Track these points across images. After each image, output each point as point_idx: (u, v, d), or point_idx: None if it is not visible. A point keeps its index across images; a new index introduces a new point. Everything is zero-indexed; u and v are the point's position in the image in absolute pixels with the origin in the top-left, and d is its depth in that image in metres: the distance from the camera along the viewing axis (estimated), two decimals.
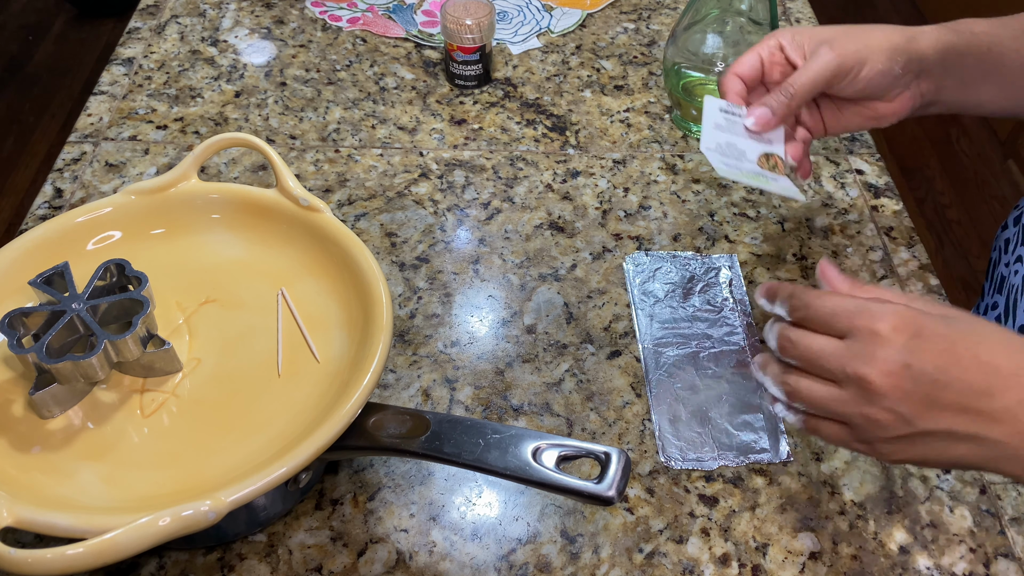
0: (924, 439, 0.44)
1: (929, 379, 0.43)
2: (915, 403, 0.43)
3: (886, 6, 2.59)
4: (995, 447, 0.44)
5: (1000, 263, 0.75)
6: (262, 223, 0.60)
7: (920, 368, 0.43)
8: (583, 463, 0.57)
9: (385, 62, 0.89)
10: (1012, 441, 0.43)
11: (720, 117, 0.61)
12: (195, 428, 0.51)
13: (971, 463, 0.45)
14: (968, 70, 0.60)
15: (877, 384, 0.43)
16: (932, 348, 0.43)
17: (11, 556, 0.40)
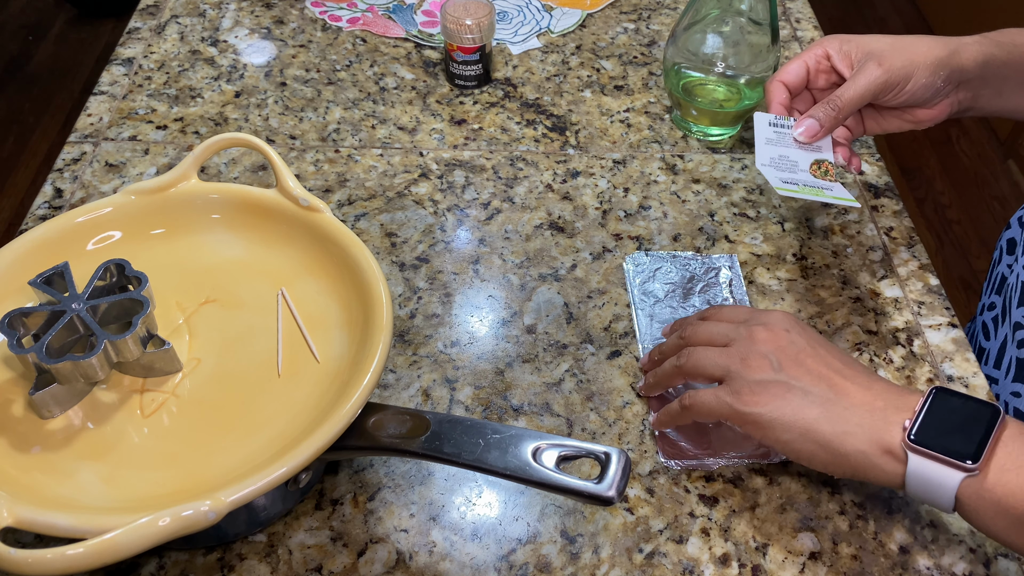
0: (785, 389, 0.51)
1: (801, 345, 0.53)
2: (786, 356, 0.52)
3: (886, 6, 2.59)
4: (845, 413, 0.50)
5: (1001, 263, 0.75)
6: (262, 223, 0.60)
7: (796, 335, 0.54)
8: (583, 463, 0.57)
9: (385, 62, 0.89)
10: (861, 408, 0.50)
11: (770, 131, 0.65)
12: (195, 428, 0.51)
13: (818, 428, 0.50)
14: (1007, 81, 0.64)
15: (761, 336, 0.53)
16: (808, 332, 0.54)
17: (11, 556, 0.40)
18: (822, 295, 0.69)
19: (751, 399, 0.51)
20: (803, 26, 0.97)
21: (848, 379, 0.51)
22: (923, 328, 0.67)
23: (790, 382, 0.51)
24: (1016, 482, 0.45)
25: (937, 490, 0.47)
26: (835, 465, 0.50)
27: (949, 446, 0.46)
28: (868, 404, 0.50)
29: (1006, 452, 0.46)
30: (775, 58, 0.76)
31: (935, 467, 0.46)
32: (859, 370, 0.53)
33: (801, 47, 0.93)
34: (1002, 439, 0.47)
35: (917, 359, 0.65)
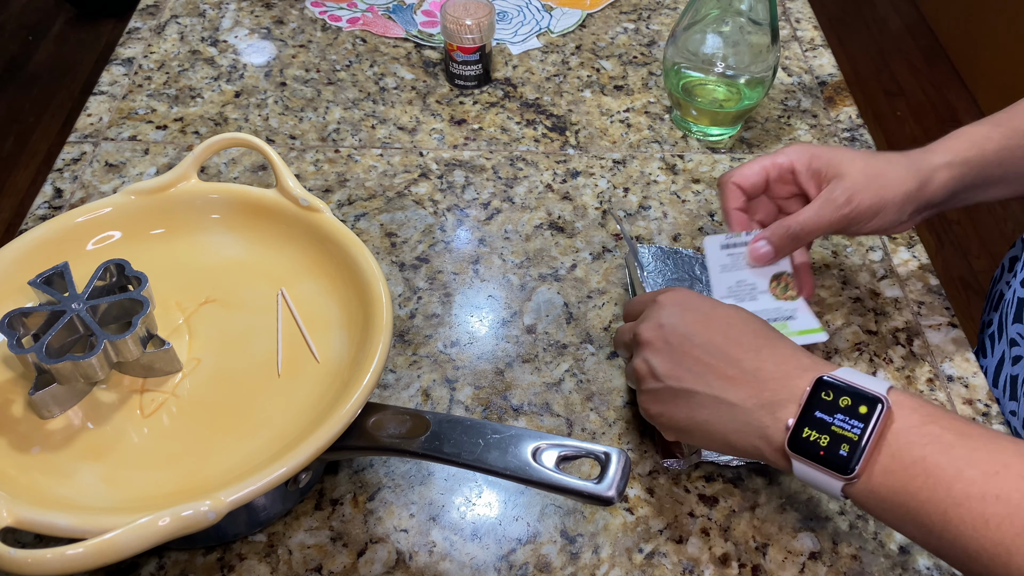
0: (672, 395, 0.50)
1: (679, 335, 0.50)
2: (663, 358, 0.50)
3: (886, 6, 2.59)
4: (733, 411, 0.48)
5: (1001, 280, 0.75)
6: (262, 223, 0.60)
7: (673, 326, 0.51)
8: (583, 463, 0.57)
9: (385, 62, 0.89)
10: (746, 404, 0.47)
11: (723, 256, 0.62)
12: (195, 428, 0.51)
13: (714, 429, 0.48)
14: (976, 190, 0.62)
15: (641, 337, 0.51)
16: (690, 315, 0.51)
17: (11, 556, 0.40)
18: (822, 295, 0.69)
19: (648, 409, 0.52)
20: (803, 26, 0.97)
21: (733, 364, 0.48)
22: (923, 328, 0.67)
23: (672, 385, 0.50)
24: (900, 484, 0.43)
25: (824, 489, 0.46)
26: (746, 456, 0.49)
27: (827, 454, 0.44)
28: (755, 397, 0.47)
29: (890, 453, 0.44)
30: (775, 58, 0.76)
31: (816, 472, 0.45)
32: (748, 344, 0.49)
33: (801, 47, 0.93)
34: (887, 437, 0.44)
35: (917, 359, 0.65)
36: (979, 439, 0.42)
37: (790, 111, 0.85)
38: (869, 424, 0.44)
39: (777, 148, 0.81)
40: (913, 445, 0.43)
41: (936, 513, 0.42)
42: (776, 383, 0.47)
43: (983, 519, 0.40)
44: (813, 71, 0.90)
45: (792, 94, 0.87)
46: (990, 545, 0.40)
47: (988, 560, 0.40)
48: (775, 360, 0.48)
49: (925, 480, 0.42)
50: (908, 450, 0.43)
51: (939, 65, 2.39)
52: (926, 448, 0.43)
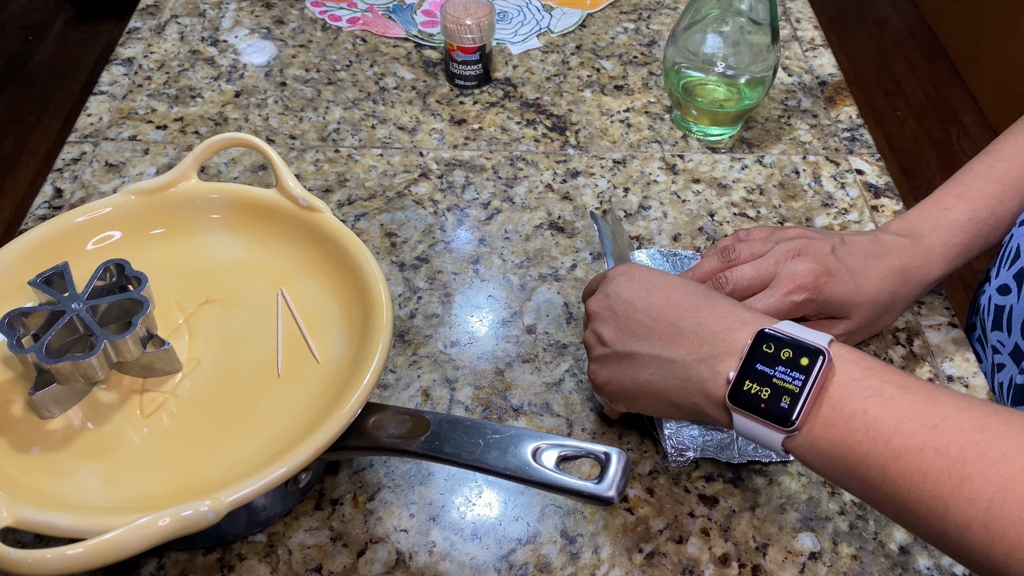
0: (617, 359, 0.51)
1: (623, 302, 0.52)
2: (608, 324, 0.52)
3: (886, 6, 2.59)
4: (673, 368, 0.48)
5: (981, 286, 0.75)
6: (262, 223, 0.60)
7: (617, 294, 0.52)
8: (583, 463, 0.57)
9: (385, 62, 0.89)
10: (688, 359, 0.48)
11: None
12: (195, 428, 0.51)
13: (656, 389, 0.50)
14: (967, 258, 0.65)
15: (589, 310, 0.54)
16: (635, 284, 0.53)
17: (11, 556, 0.40)
18: None
19: (595, 377, 0.53)
20: (803, 26, 0.97)
21: (674, 323, 0.49)
22: (923, 328, 0.67)
23: (617, 349, 0.51)
24: (841, 437, 0.43)
25: (764, 442, 0.46)
26: (688, 417, 0.50)
27: (768, 407, 0.44)
28: (694, 352, 0.48)
29: (831, 406, 0.43)
30: (775, 58, 0.76)
31: (757, 425, 0.45)
32: (688, 305, 0.50)
33: (801, 47, 0.93)
34: (828, 390, 0.44)
35: (917, 359, 0.65)
36: (919, 392, 0.42)
37: (790, 111, 0.85)
38: (810, 376, 0.44)
39: (778, 149, 0.81)
40: (854, 397, 0.43)
41: (875, 466, 0.42)
42: (715, 337, 0.48)
43: (921, 472, 0.40)
44: (813, 71, 0.90)
45: (792, 94, 0.87)
46: (927, 498, 0.40)
47: (925, 513, 0.40)
48: (715, 315, 0.49)
49: (865, 433, 0.42)
50: (849, 402, 0.43)
51: (939, 65, 2.39)
52: (867, 401, 0.43)
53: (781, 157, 0.81)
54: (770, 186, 0.78)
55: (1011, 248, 0.66)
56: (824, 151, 0.82)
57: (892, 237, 0.62)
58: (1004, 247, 0.68)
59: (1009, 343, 0.65)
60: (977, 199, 0.63)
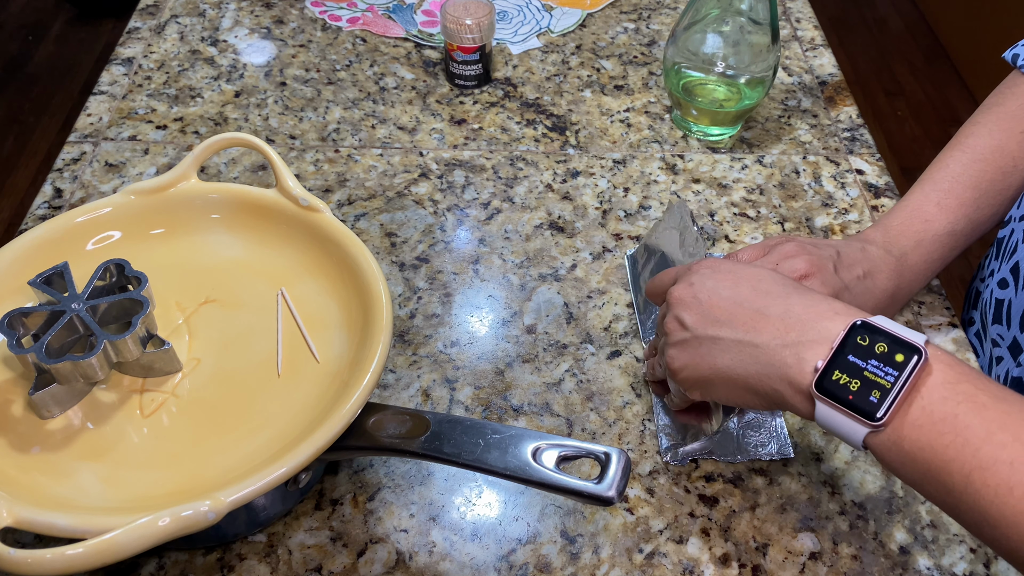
0: (697, 344, 0.50)
1: (707, 290, 0.51)
2: (691, 309, 0.51)
3: (886, 6, 2.59)
4: (756, 353, 0.47)
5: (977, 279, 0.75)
6: (262, 223, 0.60)
7: (701, 284, 0.52)
8: (583, 463, 0.57)
9: (385, 62, 0.89)
10: (772, 344, 0.47)
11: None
12: (195, 428, 0.51)
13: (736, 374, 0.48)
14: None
15: (672, 297, 0.53)
16: (720, 274, 0.52)
17: (11, 556, 0.40)
18: None
19: (672, 362, 0.52)
20: (803, 26, 0.97)
21: (760, 310, 0.48)
22: (923, 328, 0.67)
23: (699, 335, 0.50)
24: (927, 439, 0.41)
25: (846, 437, 0.45)
26: (764, 405, 0.49)
27: (856, 399, 0.43)
28: (780, 337, 0.46)
29: (921, 406, 0.42)
30: (775, 58, 0.76)
31: (841, 417, 0.44)
32: (777, 293, 0.49)
33: (801, 47, 0.93)
34: (920, 389, 0.42)
35: None
36: (1014, 404, 0.41)
37: (790, 111, 0.85)
38: (904, 372, 0.43)
39: (778, 149, 0.81)
40: (946, 401, 0.42)
41: (959, 474, 0.40)
42: (804, 324, 0.46)
43: (1008, 486, 0.39)
44: (813, 71, 0.90)
45: (792, 94, 0.87)
46: (1011, 513, 0.39)
47: (1007, 528, 0.39)
48: (804, 303, 0.47)
49: (953, 438, 0.41)
50: (940, 405, 0.42)
51: (939, 65, 2.39)
52: (959, 406, 0.41)
53: (781, 157, 0.81)
54: (770, 186, 0.78)
55: (1011, 243, 0.67)
56: (824, 151, 0.82)
57: (880, 253, 0.62)
58: (1004, 241, 0.68)
59: (1008, 336, 0.65)
60: (956, 208, 0.63)
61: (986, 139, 0.65)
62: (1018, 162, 0.64)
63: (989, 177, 0.64)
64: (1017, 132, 0.64)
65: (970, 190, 0.63)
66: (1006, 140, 0.64)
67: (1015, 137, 0.64)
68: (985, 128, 0.65)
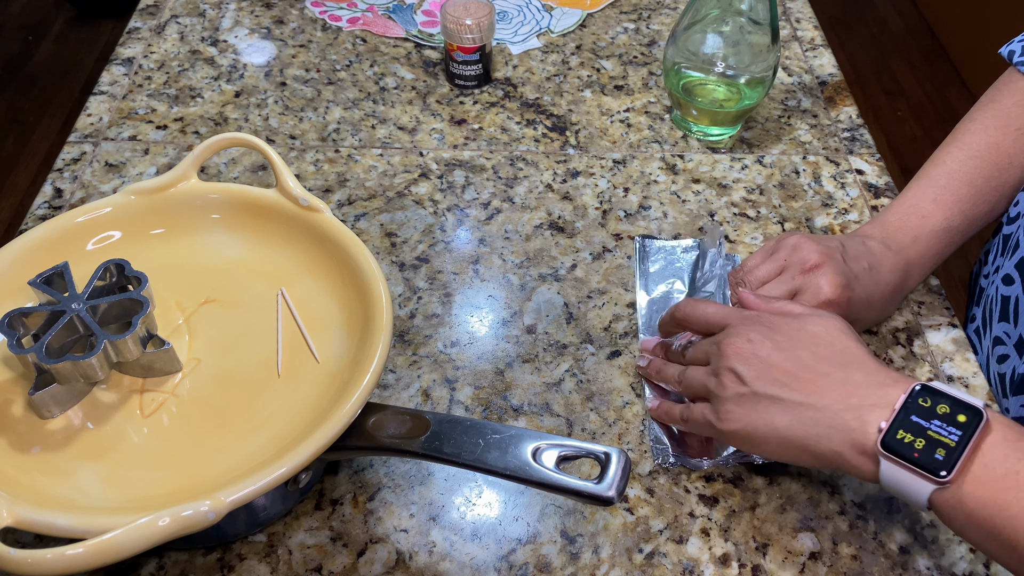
0: (755, 401, 0.50)
1: (768, 349, 0.51)
2: (751, 366, 0.51)
3: (886, 6, 2.59)
4: (817, 415, 0.48)
5: (980, 275, 0.75)
6: (262, 223, 0.60)
7: (761, 342, 0.52)
8: (583, 463, 0.57)
9: (385, 62, 0.89)
10: (835, 407, 0.48)
11: None
12: (195, 428, 0.51)
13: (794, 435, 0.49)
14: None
15: (728, 349, 0.52)
16: (777, 335, 0.52)
17: (11, 556, 0.40)
18: None
19: (726, 418, 0.51)
20: (803, 26, 0.97)
21: (821, 375, 0.49)
22: (923, 328, 0.67)
23: (758, 392, 0.50)
24: (990, 496, 0.43)
25: (910, 495, 0.46)
26: (821, 464, 0.50)
27: (922, 457, 0.45)
28: (842, 401, 0.48)
29: (983, 464, 0.44)
30: (775, 58, 0.76)
31: (906, 475, 0.45)
32: (836, 360, 0.50)
33: (801, 47, 0.93)
34: (982, 448, 0.44)
35: (917, 359, 0.65)
36: None
37: (790, 111, 0.85)
38: (968, 431, 0.45)
39: (778, 149, 0.81)
40: (1007, 458, 0.44)
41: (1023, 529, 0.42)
42: (865, 390, 0.48)
43: None
44: (813, 71, 0.90)
45: (792, 94, 0.87)
46: None
47: None
48: (864, 371, 0.49)
49: (1016, 494, 0.42)
50: (1002, 463, 0.44)
51: (939, 65, 2.39)
52: (1020, 463, 0.43)
53: (781, 157, 0.81)
54: (770, 186, 0.78)
55: (1014, 240, 0.67)
56: (824, 151, 0.82)
57: (880, 248, 0.63)
58: (1010, 238, 0.68)
59: (1014, 334, 0.65)
60: (952, 204, 0.64)
61: (982, 136, 0.65)
62: (1013, 159, 0.64)
63: (985, 174, 0.64)
64: (1012, 129, 0.65)
65: (966, 186, 0.64)
66: (1001, 137, 0.65)
67: (1010, 135, 0.65)
68: (981, 125, 0.66)
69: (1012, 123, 0.65)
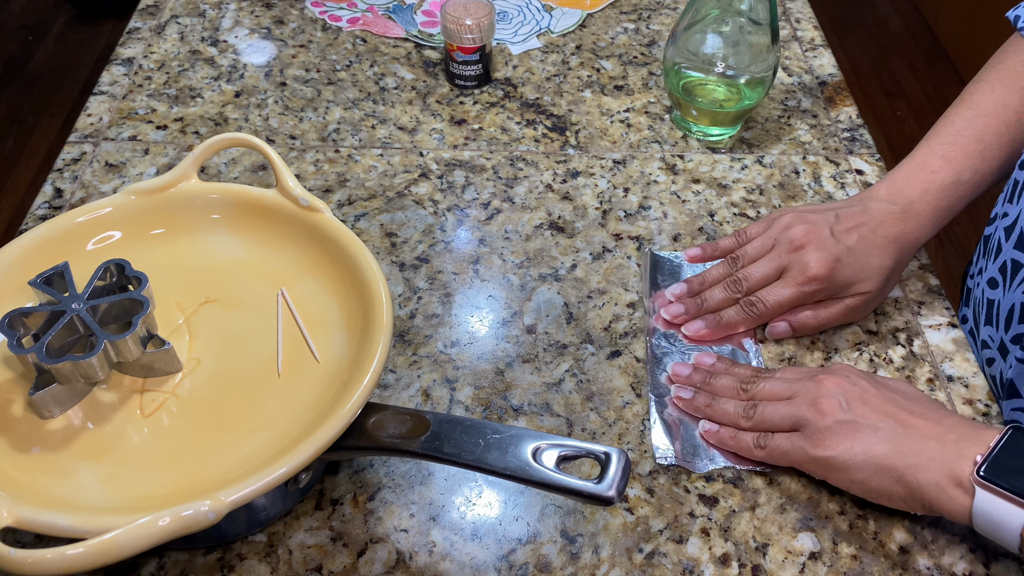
0: (855, 429, 0.52)
1: (865, 386, 0.54)
2: (852, 397, 0.54)
3: (886, 6, 2.59)
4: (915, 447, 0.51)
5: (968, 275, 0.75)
6: (262, 223, 0.60)
7: (859, 378, 0.55)
8: (583, 463, 0.57)
9: (385, 62, 0.89)
10: (932, 441, 0.51)
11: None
12: (195, 428, 0.51)
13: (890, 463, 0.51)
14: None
15: (828, 383, 0.55)
16: (871, 376, 0.56)
17: (11, 556, 0.40)
18: None
19: (823, 443, 0.53)
20: (803, 26, 0.97)
21: (917, 415, 0.52)
22: (923, 328, 0.67)
23: (859, 421, 0.52)
24: None
25: (1003, 527, 0.47)
26: (911, 499, 0.51)
27: (1018, 484, 0.47)
28: (939, 437, 0.51)
29: None
30: (775, 58, 0.76)
31: (1002, 504, 0.47)
32: (929, 406, 0.54)
33: (801, 47, 0.93)
34: None
35: (917, 359, 0.65)
36: None
37: (790, 111, 0.85)
38: None
39: (778, 149, 0.81)
40: None
41: None
42: (963, 428, 0.51)
43: None
44: (813, 71, 0.90)
45: (792, 94, 0.87)
46: None
47: None
48: (955, 417, 0.53)
49: None
50: None
51: (939, 65, 2.39)
52: None
53: (781, 157, 0.81)
54: (770, 186, 0.78)
55: (994, 241, 0.67)
56: (824, 151, 0.82)
57: (883, 205, 0.64)
58: (990, 238, 0.68)
59: (996, 338, 0.65)
60: (961, 159, 0.64)
61: (989, 95, 0.66)
62: (1021, 116, 0.65)
63: (993, 130, 0.65)
64: (1019, 88, 0.66)
65: (974, 143, 0.64)
66: (1008, 95, 0.65)
67: (1017, 92, 0.65)
68: (988, 85, 0.67)
69: (1018, 82, 0.66)
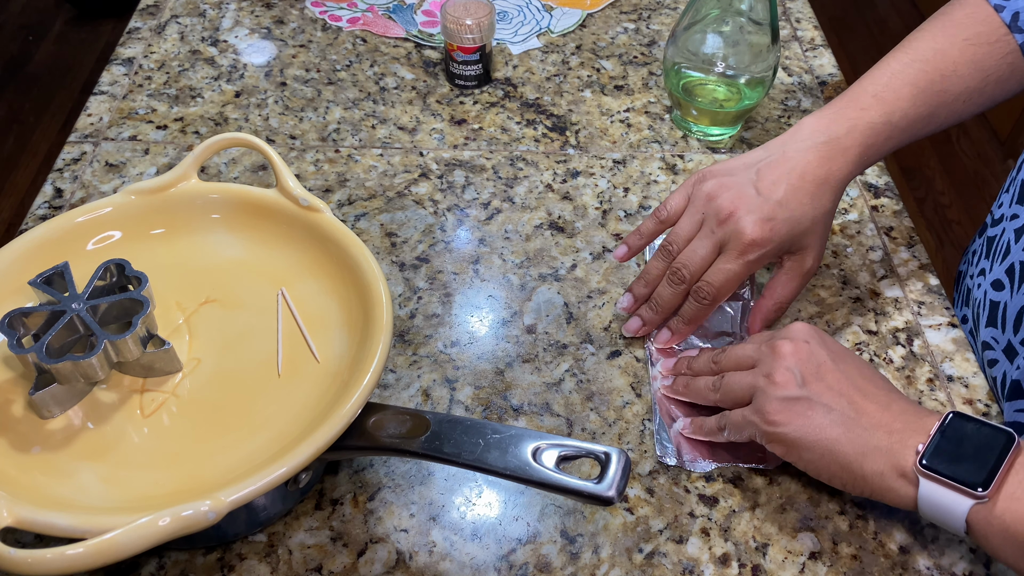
0: (808, 406, 0.52)
1: (822, 357, 0.54)
2: (808, 369, 0.53)
3: (886, 6, 2.59)
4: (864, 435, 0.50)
5: (967, 275, 0.75)
6: (262, 223, 0.60)
7: (817, 346, 0.54)
8: (583, 463, 0.57)
9: (385, 62, 0.89)
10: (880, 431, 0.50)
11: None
12: (195, 428, 0.51)
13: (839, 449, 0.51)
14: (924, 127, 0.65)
15: (785, 350, 0.54)
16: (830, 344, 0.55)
17: (11, 556, 0.40)
18: (822, 295, 0.69)
19: (776, 418, 0.52)
20: (803, 26, 0.97)
21: (868, 397, 0.52)
22: (923, 328, 0.67)
23: (812, 398, 0.52)
24: None
25: (948, 515, 0.48)
26: (853, 485, 0.51)
27: (959, 472, 0.47)
28: (887, 425, 0.51)
29: (1017, 480, 0.46)
30: (775, 58, 0.76)
31: (945, 492, 0.47)
32: (879, 385, 0.53)
33: (801, 47, 0.93)
34: (1015, 466, 0.47)
35: (917, 359, 0.65)
36: None
37: (790, 111, 0.85)
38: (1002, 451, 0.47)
39: None
40: None
41: None
42: (908, 416, 0.51)
43: None
44: (813, 71, 0.90)
45: (792, 94, 0.87)
46: None
47: None
48: (902, 401, 0.53)
49: None
50: None
51: None
52: None
53: None
54: None
55: (1002, 243, 0.66)
56: None
57: (806, 144, 0.62)
58: (995, 240, 0.68)
59: (1003, 340, 0.65)
60: (893, 101, 0.63)
61: (928, 42, 0.65)
62: (958, 67, 0.64)
63: (928, 77, 0.63)
64: (960, 39, 0.64)
65: (908, 86, 0.63)
66: (948, 45, 0.64)
67: (957, 44, 0.64)
68: (929, 33, 0.66)
69: (960, 33, 0.65)
